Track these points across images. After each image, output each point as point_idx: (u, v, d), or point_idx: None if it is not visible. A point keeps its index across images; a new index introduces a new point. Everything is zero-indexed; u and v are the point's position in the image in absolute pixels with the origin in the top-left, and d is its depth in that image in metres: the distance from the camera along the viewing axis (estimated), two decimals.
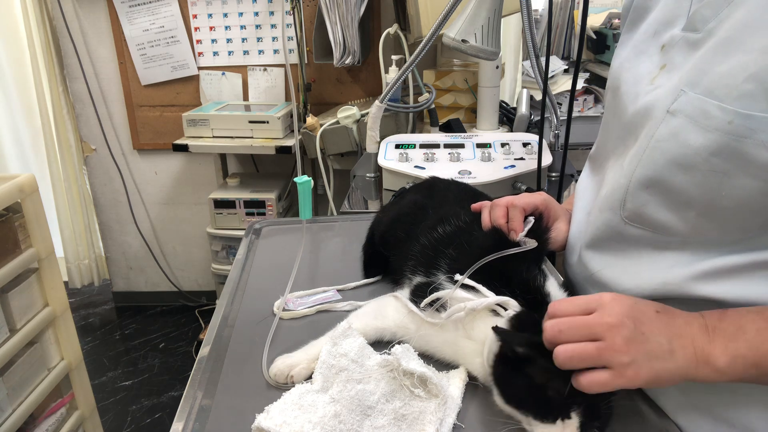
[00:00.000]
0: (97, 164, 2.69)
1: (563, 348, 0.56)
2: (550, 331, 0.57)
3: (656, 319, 0.58)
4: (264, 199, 2.27)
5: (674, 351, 0.56)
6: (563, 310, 0.59)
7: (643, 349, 0.55)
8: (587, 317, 0.57)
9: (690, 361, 0.56)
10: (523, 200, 0.83)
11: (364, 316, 0.77)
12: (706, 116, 0.57)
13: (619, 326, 0.56)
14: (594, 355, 0.55)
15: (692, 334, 0.58)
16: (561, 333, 0.57)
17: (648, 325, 0.57)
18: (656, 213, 0.64)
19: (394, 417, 0.62)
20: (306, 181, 0.85)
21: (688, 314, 0.60)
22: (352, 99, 2.43)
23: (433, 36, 1.35)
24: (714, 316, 0.59)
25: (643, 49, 0.72)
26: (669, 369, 0.56)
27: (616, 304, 0.58)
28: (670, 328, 0.58)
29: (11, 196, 1.40)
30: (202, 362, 0.74)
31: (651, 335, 0.56)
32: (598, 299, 0.59)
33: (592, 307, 0.58)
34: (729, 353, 0.56)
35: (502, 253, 0.69)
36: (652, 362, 0.55)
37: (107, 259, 2.90)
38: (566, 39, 2.30)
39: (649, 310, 0.59)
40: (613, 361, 0.55)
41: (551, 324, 0.58)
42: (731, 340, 0.56)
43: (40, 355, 1.51)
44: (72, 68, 2.52)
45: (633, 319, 0.57)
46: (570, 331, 0.56)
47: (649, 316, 0.58)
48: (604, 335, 0.55)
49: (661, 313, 0.59)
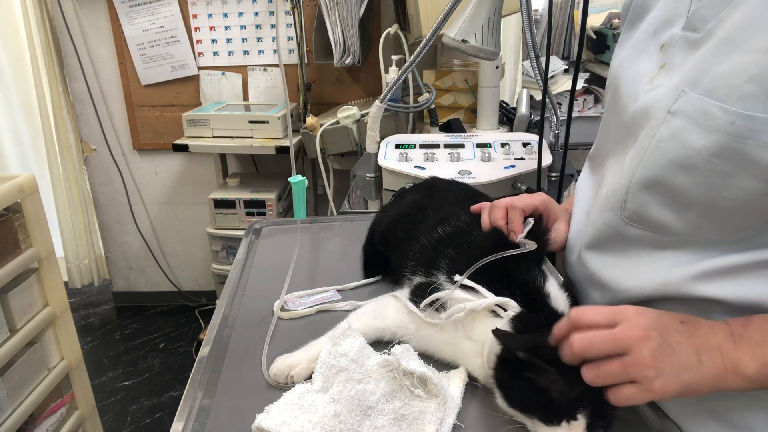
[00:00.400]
0: (97, 164, 2.69)
1: (590, 367, 0.55)
2: (579, 345, 0.56)
3: (682, 329, 0.57)
4: (264, 199, 2.27)
5: (702, 361, 0.55)
6: (588, 320, 0.57)
7: (671, 361, 0.55)
8: (614, 331, 0.56)
9: (719, 371, 0.55)
10: (522, 201, 0.82)
11: (363, 316, 0.77)
12: (708, 117, 0.57)
13: (645, 339, 0.55)
14: (621, 372, 0.54)
15: (719, 343, 0.57)
16: (591, 347, 0.55)
17: (675, 336, 0.56)
18: (657, 213, 0.64)
19: (394, 417, 0.62)
20: (300, 180, 0.85)
21: (713, 322, 0.59)
22: (352, 99, 2.43)
23: (433, 36, 1.35)
24: (738, 324, 0.58)
25: (643, 48, 0.72)
26: (698, 380, 0.55)
27: (641, 316, 0.57)
28: (696, 339, 0.57)
29: (11, 196, 1.40)
30: (202, 362, 0.74)
31: (678, 347, 0.55)
32: (623, 311, 0.58)
33: (618, 319, 0.57)
34: (758, 360, 0.55)
35: (501, 254, 0.69)
36: (680, 374, 0.55)
37: (107, 259, 2.90)
38: (566, 39, 2.30)
39: (674, 322, 0.58)
40: (639, 376, 0.54)
41: (580, 338, 0.56)
42: (759, 347, 0.56)
43: (40, 355, 1.51)
44: (72, 68, 2.52)
45: (659, 330, 0.56)
46: (598, 345, 0.55)
47: (675, 327, 0.57)
48: (631, 348, 0.54)
49: (686, 323, 0.58)
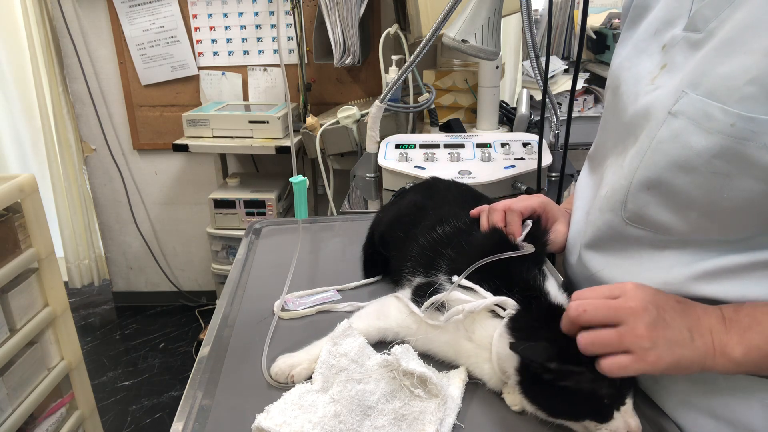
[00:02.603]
0: (97, 164, 2.69)
1: (585, 334, 0.57)
2: (574, 310, 0.58)
3: (677, 308, 0.59)
4: (264, 199, 2.27)
5: (694, 339, 0.57)
6: (586, 294, 0.60)
7: (665, 335, 0.56)
8: (610, 301, 0.58)
9: (708, 350, 0.57)
10: (520, 204, 0.82)
11: (366, 316, 0.77)
12: (708, 118, 0.57)
13: (642, 311, 0.56)
14: (615, 341, 0.56)
15: (710, 324, 0.58)
16: (585, 312, 0.57)
17: (670, 312, 0.58)
18: (657, 214, 0.64)
19: (394, 417, 0.62)
20: (301, 180, 0.85)
21: (706, 306, 0.60)
22: (352, 99, 2.43)
23: (433, 36, 1.35)
24: (730, 309, 0.59)
25: (644, 47, 0.72)
26: (689, 356, 0.57)
27: (639, 290, 0.59)
28: (689, 318, 0.59)
29: (11, 196, 1.40)
30: (202, 362, 0.74)
31: (673, 322, 0.57)
32: (621, 286, 0.59)
33: (616, 294, 0.59)
34: (745, 344, 0.57)
35: (498, 256, 0.69)
36: (674, 348, 0.56)
37: (107, 259, 2.90)
38: (566, 39, 2.30)
39: (670, 300, 0.60)
40: (634, 346, 0.55)
41: (576, 304, 0.58)
42: (747, 331, 0.57)
43: (40, 355, 1.51)
44: (72, 68, 2.52)
45: (656, 305, 0.57)
46: (593, 311, 0.57)
47: (670, 305, 0.59)
48: (627, 319, 0.56)
49: (681, 303, 0.60)
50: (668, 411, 0.67)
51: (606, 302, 0.58)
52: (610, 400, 0.58)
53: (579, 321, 0.58)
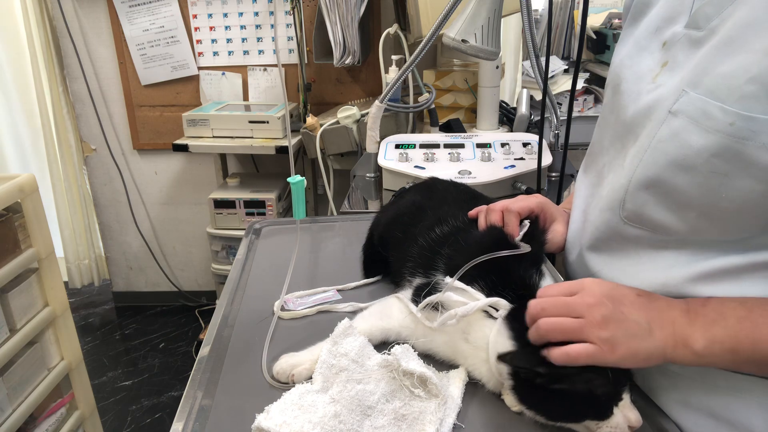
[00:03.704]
0: (97, 164, 2.69)
1: (544, 320, 0.59)
2: (534, 309, 0.61)
3: (636, 301, 0.61)
4: (264, 199, 2.27)
5: (652, 331, 0.58)
6: (548, 292, 0.63)
7: (622, 326, 0.58)
8: (568, 298, 0.60)
9: (668, 342, 0.58)
10: (518, 204, 0.82)
11: (369, 317, 0.77)
12: (708, 117, 0.57)
13: (597, 305, 0.59)
14: (574, 328, 0.58)
15: (673, 317, 0.60)
16: (543, 310, 0.60)
17: (628, 306, 0.60)
18: (656, 213, 0.64)
19: (394, 417, 0.62)
20: (299, 180, 0.85)
21: (671, 299, 0.62)
22: (352, 99, 2.43)
23: (433, 36, 1.35)
24: (697, 302, 0.61)
25: (645, 45, 0.71)
26: (646, 347, 0.58)
27: (596, 286, 0.61)
28: (649, 310, 0.60)
29: (11, 196, 1.40)
30: (202, 362, 0.74)
31: (630, 315, 0.59)
32: (580, 283, 0.62)
33: (575, 290, 0.61)
34: (707, 337, 0.58)
35: (492, 255, 0.68)
36: (630, 340, 0.58)
37: (107, 259, 2.90)
38: (566, 39, 2.30)
39: (629, 293, 0.61)
40: (592, 336, 0.57)
41: (534, 302, 0.61)
42: (711, 325, 0.58)
43: (40, 355, 1.51)
44: (72, 68, 2.52)
45: (612, 299, 0.59)
46: (551, 309, 0.60)
47: (629, 299, 0.61)
48: (584, 313, 0.58)
49: (642, 296, 0.62)
50: (668, 411, 0.67)
51: (564, 300, 0.60)
52: (606, 397, 0.58)
53: (538, 319, 0.60)
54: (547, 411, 0.60)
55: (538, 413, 0.61)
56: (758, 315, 0.57)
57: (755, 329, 0.57)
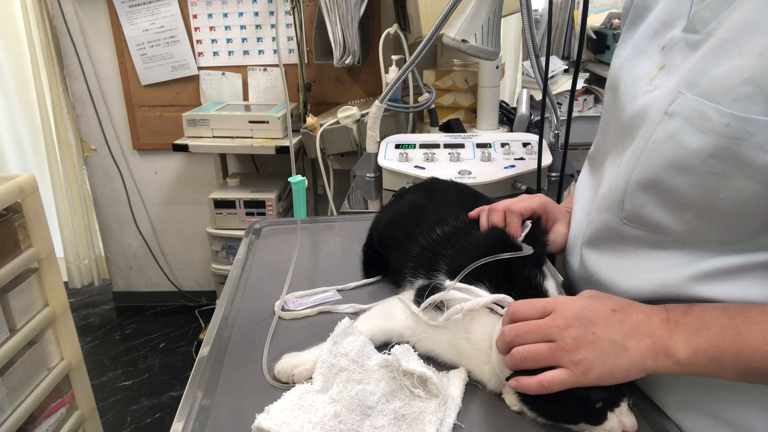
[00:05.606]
0: (97, 164, 2.70)
1: (518, 350, 0.60)
2: (508, 335, 0.61)
3: (611, 317, 0.61)
4: (264, 199, 2.27)
5: (627, 347, 0.59)
6: (522, 312, 0.63)
7: (593, 348, 0.58)
8: (540, 321, 0.61)
9: (646, 354, 0.59)
10: (520, 204, 0.82)
11: (372, 317, 0.77)
12: (704, 118, 0.57)
13: (567, 328, 0.59)
14: (547, 355, 0.59)
15: (650, 329, 0.60)
16: (517, 337, 0.61)
17: (601, 325, 0.60)
18: (654, 214, 0.64)
19: (394, 417, 0.62)
20: (300, 180, 0.85)
21: (650, 309, 0.62)
22: (352, 99, 2.43)
23: (433, 36, 1.35)
24: (678, 310, 0.60)
25: (643, 48, 0.72)
26: (622, 364, 0.58)
27: (568, 306, 0.62)
28: (624, 326, 0.60)
29: (11, 196, 1.40)
30: (202, 362, 0.74)
31: (602, 333, 0.59)
32: (554, 302, 0.63)
33: (548, 309, 0.62)
34: (690, 347, 0.58)
35: (495, 257, 0.68)
36: (604, 360, 0.58)
37: (107, 259, 2.90)
38: (566, 39, 2.30)
39: (604, 310, 0.61)
40: (563, 360, 0.58)
41: (508, 329, 0.62)
42: (693, 334, 0.58)
43: (40, 355, 1.51)
44: (72, 68, 2.53)
45: (583, 320, 0.60)
46: (525, 335, 0.61)
47: (602, 316, 0.61)
48: (555, 337, 0.59)
49: (618, 311, 0.62)
50: (668, 412, 0.67)
51: (536, 324, 0.61)
52: (602, 403, 0.59)
53: (512, 345, 0.61)
54: (545, 412, 0.61)
55: (538, 413, 0.62)
56: (741, 322, 0.57)
57: (738, 337, 0.56)
